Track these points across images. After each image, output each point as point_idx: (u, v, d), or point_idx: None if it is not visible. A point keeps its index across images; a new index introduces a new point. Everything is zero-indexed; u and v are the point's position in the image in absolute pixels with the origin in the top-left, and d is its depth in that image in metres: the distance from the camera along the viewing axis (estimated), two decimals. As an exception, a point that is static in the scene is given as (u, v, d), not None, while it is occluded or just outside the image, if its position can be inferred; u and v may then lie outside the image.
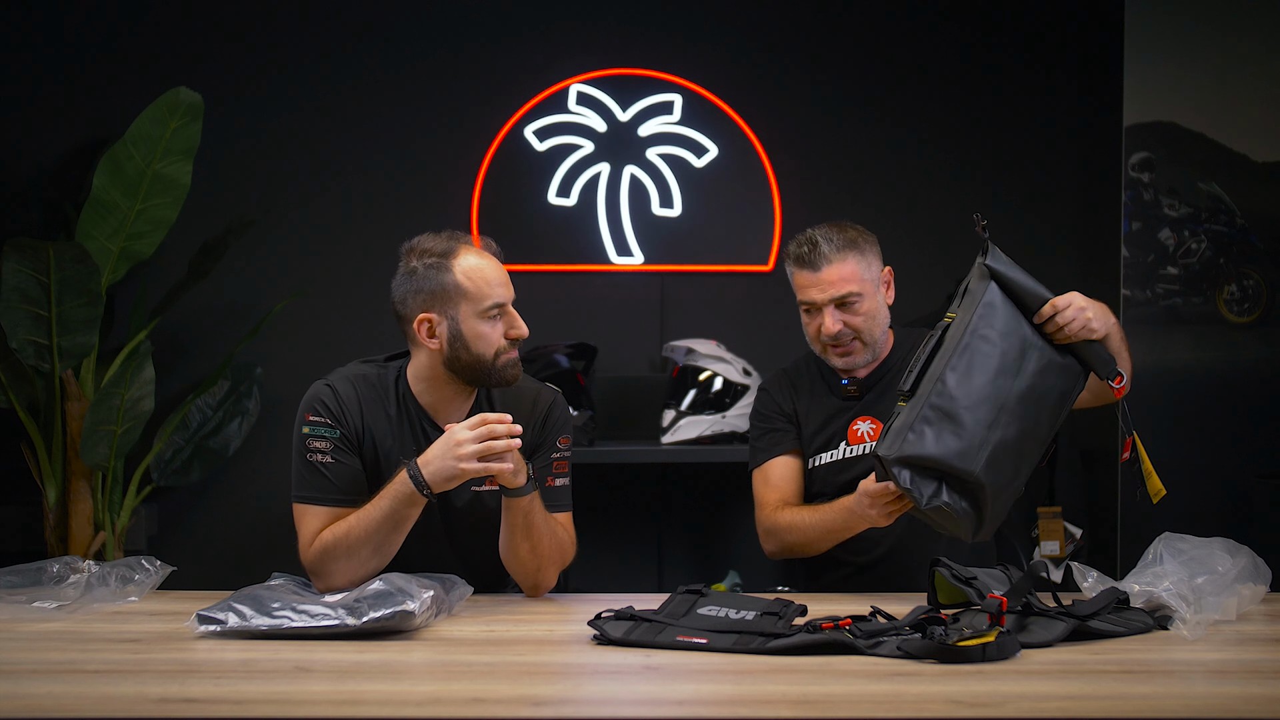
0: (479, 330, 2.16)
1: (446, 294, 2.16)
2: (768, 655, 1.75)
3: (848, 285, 2.40)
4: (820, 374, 2.55)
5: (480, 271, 2.17)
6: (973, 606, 1.85)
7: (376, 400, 2.22)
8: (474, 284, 2.16)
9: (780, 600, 1.96)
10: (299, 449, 2.16)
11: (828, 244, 2.40)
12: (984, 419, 2.05)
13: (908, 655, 1.71)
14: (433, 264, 2.17)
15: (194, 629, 1.89)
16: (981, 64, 3.91)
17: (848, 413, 2.49)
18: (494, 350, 2.17)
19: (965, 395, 2.05)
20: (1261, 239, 3.69)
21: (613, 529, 3.81)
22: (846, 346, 2.43)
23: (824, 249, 2.40)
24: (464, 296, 2.16)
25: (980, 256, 2.15)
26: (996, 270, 2.14)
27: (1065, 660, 1.73)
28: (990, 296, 2.12)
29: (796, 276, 2.45)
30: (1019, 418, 2.08)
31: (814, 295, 2.41)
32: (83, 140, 3.77)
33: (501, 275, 2.20)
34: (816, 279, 2.40)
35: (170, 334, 3.74)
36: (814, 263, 2.40)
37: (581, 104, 3.84)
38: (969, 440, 2.04)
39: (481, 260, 2.19)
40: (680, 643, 1.80)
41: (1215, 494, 3.64)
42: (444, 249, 2.18)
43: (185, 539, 3.78)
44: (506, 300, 2.19)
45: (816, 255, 2.40)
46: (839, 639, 1.75)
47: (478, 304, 2.16)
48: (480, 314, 2.16)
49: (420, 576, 2.02)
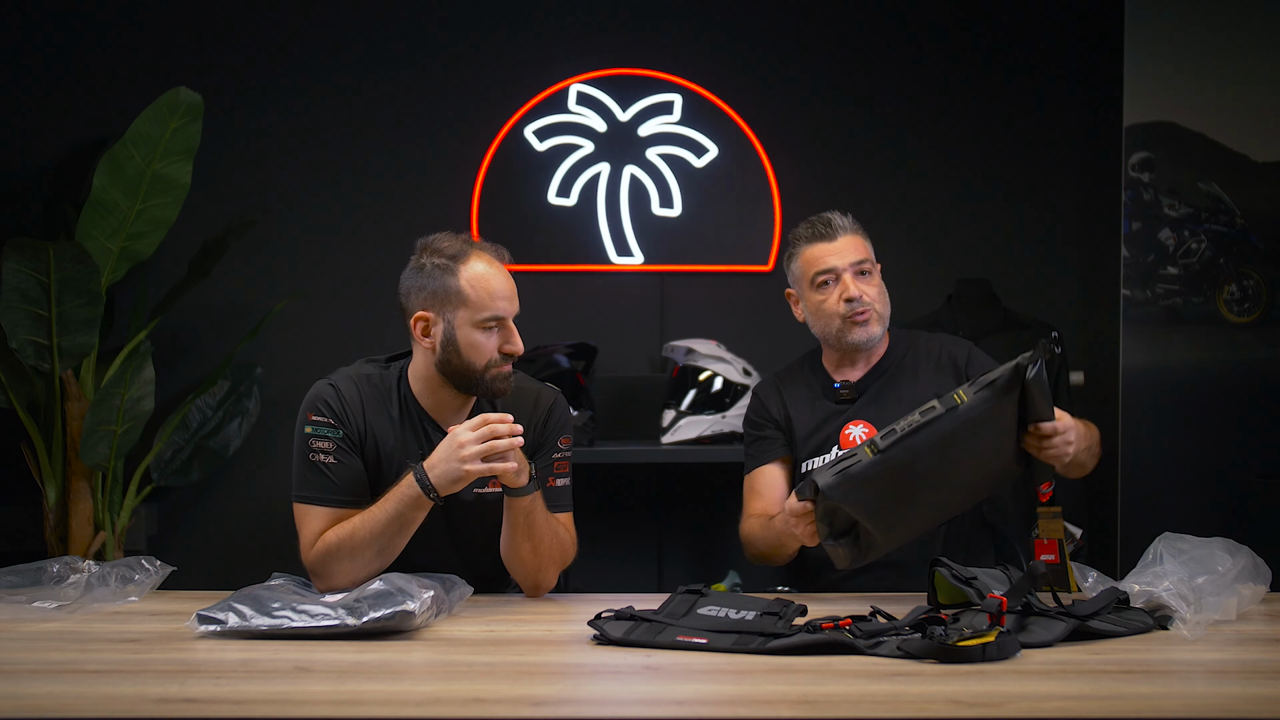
0: (473, 339, 2.15)
1: (447, 297, 2.16)
2: (768, 655, 1.75)
3: (862, 253, 2.45)
4: (814, 376, 2.55)
5: (484, 281, 2.16)
6: (973, 606, 1.85)
7: (379, 401, 2.21)
8: (476, 292, 2.15)
9: (780, 600, 1.96)
10: (301, 449, 2.16)
11: (839, 219, 2.46)
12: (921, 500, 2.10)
13: (908, 655, 1.71)
14: (440, 264, 2.17)
15: (194, 629, 1.89)
16: (981, 64, 3.91)
17: (840, 416, 2.48)
18: (485, 361, 2.16)
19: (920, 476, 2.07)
20: (1261, 239, 3.69)
21: (613, 529, 3.81)
22: (866, 313, 2.43)
23: (838, 222, 2.45)
24: (464, 303, 2.15)
25: (1030, 366, 2.09)
26: (1029, 384, 2.10)
27: (1065, 660, 1.73)
28: (1005, 403, 2.10)
29: (810, 251, 2.45)
30: (940, 491, 2.13)
31: (833, 262, 2.42)
32: (83, 140, 3.77)
33: (507, 289, 2.19)
34: (834, 247, 2.43)
35: (170, 334, 3.74)
36: (829, 234, 2.44)
37: (581, 104, 3.84)
38: (902, 522, 2.10)
39: (490, 269, 2.18)
40: (680, 643, 1.80)
41: (1215, 494, 3.64)
42: (455, 251, 2.17)
43: (185, 539, 3.78)
44: (507, 314, 2.18)
45: (831, 228, 2.45)
46: (839, 639, 1.75)
47: (476, 313, 2.15)
48: (477, 323, 2.15)
49: (420, 576, 2.02)
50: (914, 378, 2.47)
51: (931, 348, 2.53)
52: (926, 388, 2.41)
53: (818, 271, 2.44)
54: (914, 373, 2.48)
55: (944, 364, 2.48)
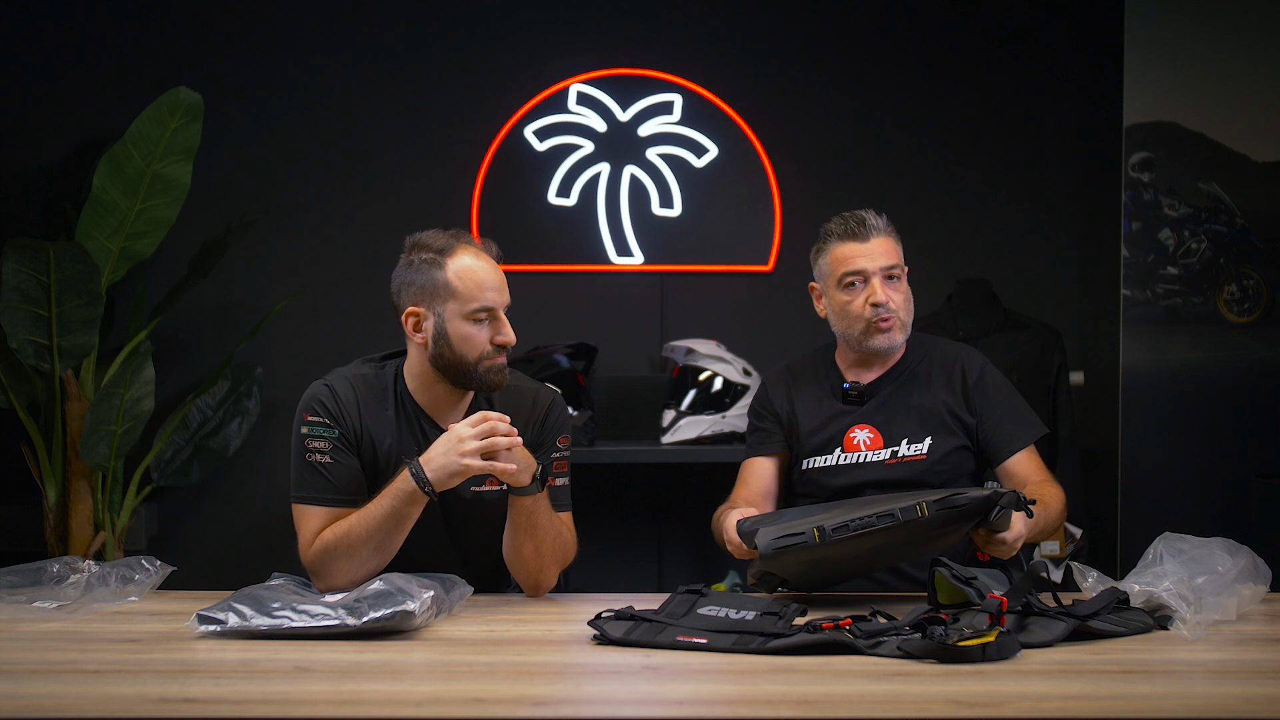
0: (463, 331, 2.16)
1: (436, 290, 2.16)
2: (768, 655, 1.75)
3: (893, 258, 2.42)
4: (826, 374, 2.53)
5: (472, 273, 2.17)
6: (973, 606, 1.85)
7: (375, 400, 2.21)
8: (464, 284, 2.15)
9: (780, 600, 1.96)
10: (298, 449, 2.16)
11: (874, 219, 2.43)
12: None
13: (908, 655, 1.70)
14: (428, 259, 2.17)
15: (194, 629, 1.89)
16: (982, 64, 3.91)
17: (846, 418, 2.46)
18: (477, 353, 2.16)
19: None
20: (1261, 239, 3.69)
21: (613, 529, 3.81)
22: (890, 320, 2.41)
23: (871, 222, 2.42)
24: (452, 295, 2.15)
25: (997, 509, 2.03)
26: (992, 519, 2.06)
27: (1065, 660, 1.73)
28: (961, 527, 2.07)
29: (840, 249, 2.42)
30: (863, 566, 2.17)
31: (863, 264, 2.39)
32: (83, 140, 3.77)
33: (495, 280, 2.19)
34: (865, 249, 2.40)
35: (170, 334, 3.74)
36: (863, 234, 2.41)
37: (581, 104, 3.84)
38: (820, 580, 2.15)
39: (477, 261, 2.18)
40: (680, 643, 1.80)
41: (1215, 494, 3.64)
42: (442, 246, 2.18)
43: (185, 539, 3.79)
44: (497, 305, 2.18)
45: (865, 228, 2.42)
46: (839, 639, 1.75)
47: (465, 304, 2.15)
48: (466, 315, 2.15)
49: (420, 576, 2.02)
50: (926, 387, 2.44)
51: (946, 357, 2.48)
52: (935, 399, 2.41)
53: (846, 271, 2.40)
54: (927, 382, 2.45)
55: (955, 378, 2.44)
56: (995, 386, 2.44)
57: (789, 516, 2.13)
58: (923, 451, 2.39)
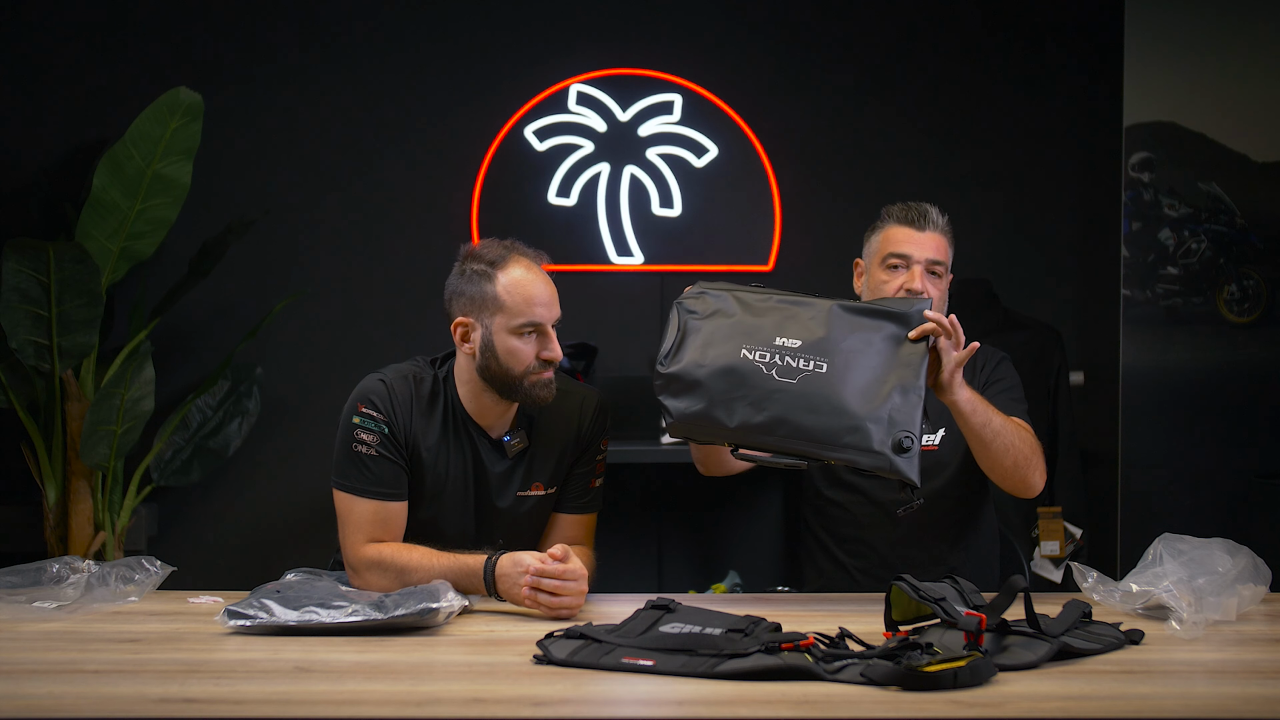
0: (510, 345, 2.17)
1: (485, 302, 2.17)
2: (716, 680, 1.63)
3: (942, 255, 2.43)
4: None
5: (522, 287, 2.17)
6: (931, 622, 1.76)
7: (426, 401, 2.24)
8: (512, 298, 2.16)
9: (750, 618, 1.79)
10: (344, 436, 2.19)
11: (935, 214, 2.45)
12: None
13: (871, 682, 1.59)
14: (479, 270, 2.18)
15: (223, 624, 1.91)
16: (982, 64, 3.91)
17: None
18: (523, 368, 2.17)
19: None
20: (1261, 239, 3.69)
21: (613, 529, 3.79)
22: None
23: (933, 216, 2.44)
24: (500, 309, 2.16)
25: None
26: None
27: (1064, 660, 1.73)
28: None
29: (894, 231, 2.43)
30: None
31: (911, 249, 2.40)
32: (83, 140, 3.77)
33: (545, 295, 2.19)
34: (918, 237, 2.41)
35: (170, 334, 3.74)
36: (920, 224, 2.43)
37: (581, 104, 3.84)
38: None
39: (527, 275, 2.18)
40: (626, 664, 1.70)
41: (1215, 494, 3.64)
42: (494, 257, 2.19)
43: (185, 539, 3.78)
44: (545, 321, 2.18)
45: (925, 219, 2.43)
46: (796, 664, 1.62)
47: (512, 319, 2.16)
48: (513, 329, 2.16)
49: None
50: None
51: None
52: None
53: (892, 253, 2.42)
54: None
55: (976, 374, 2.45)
56: (1003, 376, 2.46)
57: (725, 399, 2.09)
58: (935, 443, 2.41)
